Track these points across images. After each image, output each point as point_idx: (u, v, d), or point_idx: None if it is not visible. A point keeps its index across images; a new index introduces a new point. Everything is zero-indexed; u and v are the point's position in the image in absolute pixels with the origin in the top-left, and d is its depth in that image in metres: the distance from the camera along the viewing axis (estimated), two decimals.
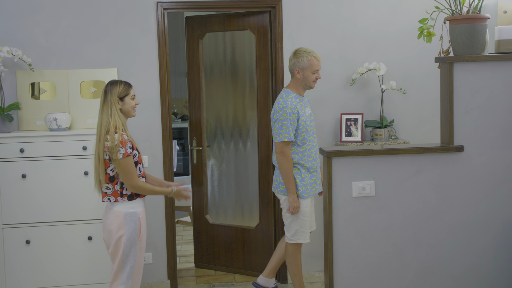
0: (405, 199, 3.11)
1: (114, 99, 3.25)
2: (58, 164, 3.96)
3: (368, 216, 3.10)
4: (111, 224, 3.28)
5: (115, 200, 3.28)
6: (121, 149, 3.17)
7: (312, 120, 3.82)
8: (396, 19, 4.47)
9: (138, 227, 3.28)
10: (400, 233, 3.13)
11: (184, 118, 7.81)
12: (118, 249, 3.27)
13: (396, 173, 3.10)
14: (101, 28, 4.27)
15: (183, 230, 6.26)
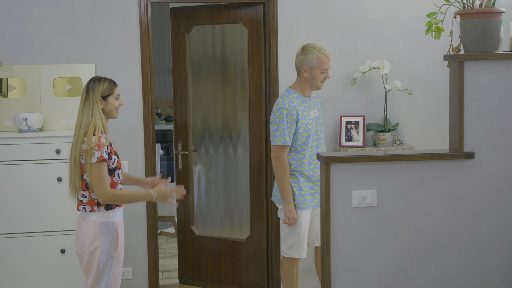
0: (410, 210, 3.11)
1: (96, 98, 3.24)
2: (29, 169, 3.93)
3: (370, 228, 3.10)
4: (85, 235, 3.25)
5: (91, 210, 3.25)
6: (96, 152, 3.15)
7: (319, 124, 3.81)
8: (402, 13, 4.48)
9: (115, 239, 3.26)
10: (404, 247, 3.12)
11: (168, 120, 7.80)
12: (92, 263, 3.24)
13: (400, 181, 3.10)
14: (77, 19, 4.25)
15: (167, 242, 6.24)
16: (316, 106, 3.85)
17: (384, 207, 3.10)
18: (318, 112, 3.84)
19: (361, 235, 3.10)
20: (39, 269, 3.98)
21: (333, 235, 3.09)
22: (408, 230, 3.12)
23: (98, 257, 3.23)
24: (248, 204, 4.65)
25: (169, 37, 7.27)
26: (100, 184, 3.18)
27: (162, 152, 7.17)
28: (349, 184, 3.07)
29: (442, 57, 4.32)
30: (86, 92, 3.25)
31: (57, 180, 3.95)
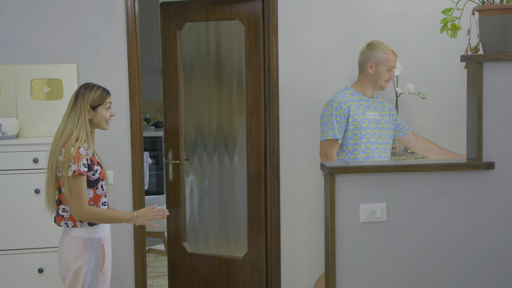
0: (423, 226, 3.10)
1: (85, 107, 3.26)
2: (3, 179, 3.92)
3: (379, 245, 3.09)
4: (68, 252, 3.24)
5: (73, 225, 3.25)
6: (72, 165, 3.14)
7: (379, 128, 3.84)
8: (415, 9, 4.48)
9: (101, 256, 3.26)
10: (417, 267, 3.11)
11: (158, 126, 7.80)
12: (76, 283, 3.23)
13: (412, 194, 3.09)
14: (57, 15, 4.25)
15: (156, 260, 6.22)
16: (377, 109, 3.88)
17: (395, 222, 3.09)
18: (380, 117, 3.87)
19: (369, 253, 3.09)
20: None
21: (338, 252, 3.08)
22: (422, 247, 3.11)
23: (83, 276, 3.22)
24: (246, 219, 4.63)
25: (159, 35, 7.28)
26: (76, 200, 3.17)
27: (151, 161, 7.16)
28: (356, 197, 3.07)
29: (458, 58, 4.33)
30: (75, 98, 3.27)
31: (35, 192, 3.94)
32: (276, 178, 4.46)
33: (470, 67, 3.13)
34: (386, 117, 3.93)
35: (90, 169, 3.22)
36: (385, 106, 4.00)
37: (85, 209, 3.18)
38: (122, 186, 4.36)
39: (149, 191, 7.10)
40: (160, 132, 7.40)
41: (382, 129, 3.86)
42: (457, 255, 3.13)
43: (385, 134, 3.89)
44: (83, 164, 3.18)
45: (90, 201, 3.26)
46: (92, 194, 3.26)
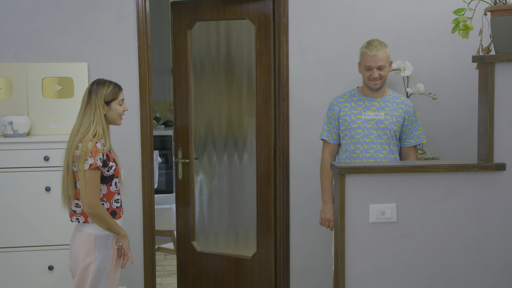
0: (433, 227, 3.09)
1: (99, 103, 3.27)
2: (14, 177, 3.94)
3: (388, 246, 3.09)
4: (78, 249, 3.26)
5: (85, 221, 3.26)
6: (89, 159, 3.16)
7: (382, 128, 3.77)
8: (426, 9, 4.47)
9: (110, 254, 3.27)
10: (427, 268, 3.11)
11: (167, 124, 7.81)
12: (85, 279, 3.25)
13: (423, 195, 3.08)
14: (68, 14, 4.26)
15: (165, 259, 6.23)
16: (384, 109, 3.79)
17: (405, 223, 3.09)
18: (385, 116, 3.77)
19: (379, 254, 3.09)
20: (25, 286, 3.97)
21: (348, 253, 3.08)
22: (432, 248, 3.10)
23: (92, 273, 3.23)
24: (255, 218, 4.63)
25: (169, 34, 7.29)
26: (89, 193, 3.18)
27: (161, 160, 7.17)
28: (366, 197, 3.07)
29: (470, 58, 4.32)
30: (89, 95, 3.28)
31: (45, 190, 3.95)
32: (286, 177, 4.46)
33: (482, 68, 3.12)
34: (395, 118, 3.85)
35: (105, 164, 3.24)
36: (400, 108, 3.84)
37: (95, 203, 3.19)
38: (132, 185, 4.37)
39: (158, 190, 7.11)
40: (169, 131, 7.41)
41: (385, 129, 3.81)
42: (467, 257, 3.12)
43: (386, 134, 3.82)
44: (99, 159, 3.20)
45: (103, 198, 3.27)
46: (105, 191, 3.27)
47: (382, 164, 3.13)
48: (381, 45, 3.73)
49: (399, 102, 3.85)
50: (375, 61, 3.71)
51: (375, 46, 3.73)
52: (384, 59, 3.72)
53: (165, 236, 6.23)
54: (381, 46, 3.73)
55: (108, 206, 3.29)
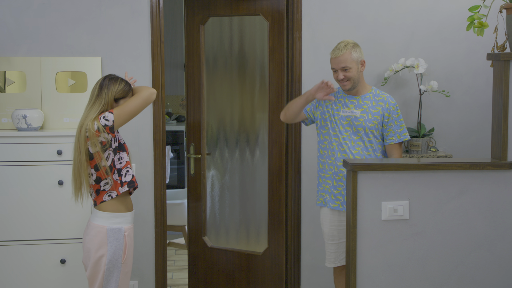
0: (445, 225, 3.09)
1: (109, 98, 3.31)
2: (27, 170, 3.96)
3: (400, 243, 3.08)
4: (91, 241, 3.30)
5: (117, 194, 3.31)
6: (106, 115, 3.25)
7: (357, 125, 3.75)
8: (441, 6, 4.45)
9: (122, 247, 3.29)
10: (439, 266, 3.10)
11: (180, 120, 7.83)
12: (97, 272, 3.27)
13: (435, 193, 3.08)
14: (82, 8, 4.27)
15: (176, 254, 6.25)
16: (360, 107, 3.77)
17: (417, 221, 3.08)
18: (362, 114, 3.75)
19: (391, 251, 3.08)
20: (36, 281, 4.00)
21: (359, 250, 3.07)
22: (444, 246, 3.10)
23: (104, 265, 3.26)
24: (266, 214, 4.63)
25: (182, 30, 7.30)
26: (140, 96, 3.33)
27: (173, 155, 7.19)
28: (378, 195, 3.06)
29: (485, 56, 4.29)
30: (100, 89, 3.31)
31: (58, 184, 3.97)
32: (298, 174, 4.46)
33: (497, 66, 3.10)
34: (371, 116, 3.76)
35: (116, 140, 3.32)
36: (378, 106, 3.78)
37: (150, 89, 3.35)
38: (144, 179, 4.38)
39: (170, 185, 7.13)
40: (181, 127, 7.42)
41: (359, 126, 3.78)
42: (479, 255, 3.11)
43: (360, 131, 3.77)
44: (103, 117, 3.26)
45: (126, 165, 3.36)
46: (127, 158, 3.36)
47: (394, 162, 3.12)
48: (346, 47, 3.71)
49: (379, 100, 3.79)
50: (337, 62, 3.72)
51: (339, 48, 3.73)
52: (348, 60, 3.69)
53: (176, 231, 6.25)
54: (346, 47, 3.71)
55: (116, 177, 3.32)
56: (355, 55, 3.71)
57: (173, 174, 7.27)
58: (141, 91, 3.36)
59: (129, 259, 3.36)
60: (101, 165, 3.26)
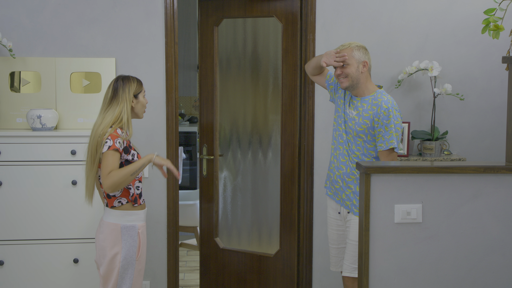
0: (459, 228, 3.07)
1: (128, 97, 3.37)
2: (41, 170, 3.98)
3: (413, 247, 3.07)
4: (105, 239, 3.32)
5: (127, 201, 3.35)
6: (108, 141, 3.25)
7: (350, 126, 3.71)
8: (455, 8, 4.43)
9: (136, 244, 3.32)
10: (452, 270, 3.08)
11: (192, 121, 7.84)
12: (112, 269, 3.30)
13: (449, 196, 3.06)
14: (97, 9, 4.29)
15: (187, 255, 6.26)
16: (357, 108, 3.74)
17: (430, 224, 3.06)
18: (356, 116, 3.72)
19: (404, 254, 3.07)
20: (49, 280, 4.02)
21: (372, 253, 3.06)
22: (457, 250, 3.08)
23: (119, 263, 3.29)
24: (278, 216, 4.63)
25: (196, 31, 7.31)
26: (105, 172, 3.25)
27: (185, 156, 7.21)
28: (391, 197, 3.05)
29: (499, 59, 4.28)
30: (114, 91, 3.36)
31: (72, 184, 3.99)
32: (310, 176, 4.45)
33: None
34: (362, 119, 3.68)
35: (127, 151, 3.31)
36: (371, 109, 3.66)
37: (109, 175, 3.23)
38: (156, 180, 4.39)
39: (182, 186, 7.15)
40: (194, 128, 7.44)
41: (349, 128, 3.73)
42: (493, 259, 3.09)
43: (350, 133, 3.72)
44: (119, 142, 3.26)
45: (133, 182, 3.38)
46: None
47: (408, 164, 3.11)
48: (350, 45, 3.68)
49: (375, 103, 3.65)
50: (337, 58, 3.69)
51: (343, 45, 3.71)
52: (348, 58, 3.65)
53: (188, 232, 6.26)
54: (349, 45, 3.68)
55: (133, 191, 3.34)
56: (357, 54, 3.65)
57: (185, 175, 7.29)
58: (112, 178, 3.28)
59: (143, 257, 3.39)
60: None
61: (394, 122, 3.58)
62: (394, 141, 3.58)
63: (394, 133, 3.57)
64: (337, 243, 3.86)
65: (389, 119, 3.58)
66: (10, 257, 3.99)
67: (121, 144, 3.27)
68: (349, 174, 3.70)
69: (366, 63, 3.67)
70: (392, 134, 3.58)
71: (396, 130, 3.59)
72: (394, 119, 3.58)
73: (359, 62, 3.66)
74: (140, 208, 3.40)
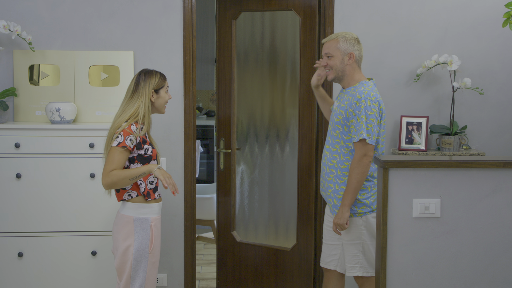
0: (478, 223, 3.05)
1: (148, 91, 3.38)
2: (60, 163, 4.01)
3: (432, 241, 3.05)
4: (119, 231, 3.35)
5: (138, 194, 3.35)
6: (119, 137, 3.26)
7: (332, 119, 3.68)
8: (475, 1, 4.39)
9: (149, 237, 3.33)
10: (470, 265, 3.07)
11: (209, 114, 7.85)
12: (125, 262, 3.31)
13: (468, 191, 3.04)
14: (116, 3, 4.31)
15: (204, 248, 6.28)
16: (340, 100, 3.69)
17: (449, 219, 3.05)
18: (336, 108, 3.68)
19: (422, 249, 3.06)
20: (67, 272, 4.05)
21: (390, 247, 3.05)
22: (476, 245, 3.06)
23: (131, 255, 3.30)
24: (295, 210, 4.63)
25: (213, 24, 7.32)
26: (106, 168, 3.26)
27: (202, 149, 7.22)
28: (409, 192, 3.04)
29: None
30: (136, 85, 3.37)
31: (90, 177, 4.02)
32: None
33: None
34: (339, 110, 3.63)
35: (140, 147, 3.31)
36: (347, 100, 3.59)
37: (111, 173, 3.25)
38: (174, 173, 4.41)
39: (199, 179, 7.17)
40: (211, 121, 7.45)
41: (331, 120, 3.70)
42: None
43: (331, 125, 3.67)
44: (130, 139, 3.27)
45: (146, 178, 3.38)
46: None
47: (426, 159, 3.09)
48: (337, 35, 3.62)
49: (352, 94, 3.58)
50: (323, 49, 3.68)
51: (330, 36, 3.67)
52: (332, 48, 3.61)
53: (205, 225, 6.28)
54: (336, 36, 3.62)
55: (144, 186, 3.35)
56: (343, 45, 3.59)
57: (202, 169, 7.31)
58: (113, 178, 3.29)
59: (156, 249, 3.39)
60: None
61: (366, 112, 3.49)
62: (364, 132, 3.47)
63: (365, 125, 3.48)
64: (326, 239, 3.83)
65: (360, 109, 3.49)
66: (29, 249, 4.03)
67: (132, 142, 3.27)
68: (328, 173, 3.66)
69: (353, 55, 3.61)
70: (363, 125, 3.48)
71: (369, 121, 3.49)
72: (367, 110, 3.49)
73: (344, 54, 3.60)
74: (154, 201, 3.41)
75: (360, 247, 3.61)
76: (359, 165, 3.49)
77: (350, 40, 3.61)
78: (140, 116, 3.33)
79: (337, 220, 3.53)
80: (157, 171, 3.28)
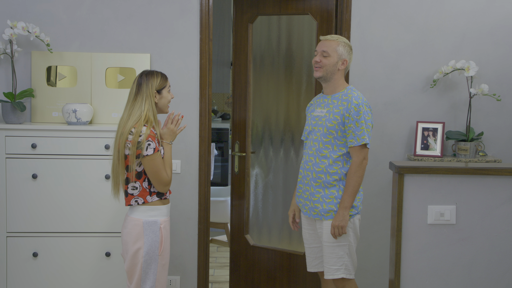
0: (493, 231, 3.04)
1: (151, 92, 3.37)
2: (76, 164, 4.03)
3: (446, 248, 3.05)
4: (128, 234, 3.35)
5: (144, 201, 3.35)
6: (151, 143, 3.27)
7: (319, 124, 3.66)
8: (494, 8, 4.37)
9: (158, 239, 3.34)
10: (485, 272, 3.05)
11: (225, 117, 7.86)
12: (135, 264, 3.32)
13: (483, 198, 3.03)
14: (133, 5, 4.33)
15: (217, 251, 6.28)
16: (329, 106, 3.66)
17: (464, 226, 3.04)
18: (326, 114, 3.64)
19: (437, 256, 3.05)
20: (81, 272, 4.07)
21: (404, 254, 3.05)
22: (491, 253, 3.05)
23: (141, 258, 3.31)
24: None
25: (230, 27, 7.33)
26: (160, 176, 3.31)
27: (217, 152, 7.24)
28: (424, 198, 3.04)
29: None
30: (138, 86, 3.36)
31: (105, 178, 4.04)
32: None
33: None
34: (332, 115, 3.61)
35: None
36: (341, 105, 3.58)
37: (168, 180, 3.35)
38: (188, 176, 4.42)
39: (213, 182, 7.17)
40: (226, 124, 7.46)
41: (320, 126, 3.65)
42: None
43: (320, 131, 3.64)
44: (157, 140, 3.31)
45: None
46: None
47: (442, 165, 3.09)
48: (338, 38, 3.63)
49: (345, 99, 3.59)
50: (321, 45, 3.64)
51: (330, 35, 3.67)
52: (331, 48, 3.60)
53: (219, 228, 6.28)
54: (337, 38, 3.63)
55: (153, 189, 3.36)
56: (341, 49, 3.61)
57: (217, 172, 7.32)
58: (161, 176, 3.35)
59: (166, 251, 3.40)
60: (132, 168, 3.32)
61: (365, 117, 3.53)
62: (366, 137, 3.51)
63: (365, 129, 3.52)
64: (309, 243, 3.79)
65: (359, 114, 3.51)
66: (44, 249, 4.05)
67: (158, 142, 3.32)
68: (315, 178, 3.61)
69: (346, 62, 3.63)
70: (363, 130, 3.51)
71: (367, 126, 3.54)
72: (365, 115, 3.53)
73: (339, 58, 3.61)
74: (162, 203, 3.41)
75: (346, 248, 3.58)
76: (360, 169, 3.50)
77: (348, 46, 3.65)
78: (152, 119, 3.33)
79: (339, 223, 3.51)
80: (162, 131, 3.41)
